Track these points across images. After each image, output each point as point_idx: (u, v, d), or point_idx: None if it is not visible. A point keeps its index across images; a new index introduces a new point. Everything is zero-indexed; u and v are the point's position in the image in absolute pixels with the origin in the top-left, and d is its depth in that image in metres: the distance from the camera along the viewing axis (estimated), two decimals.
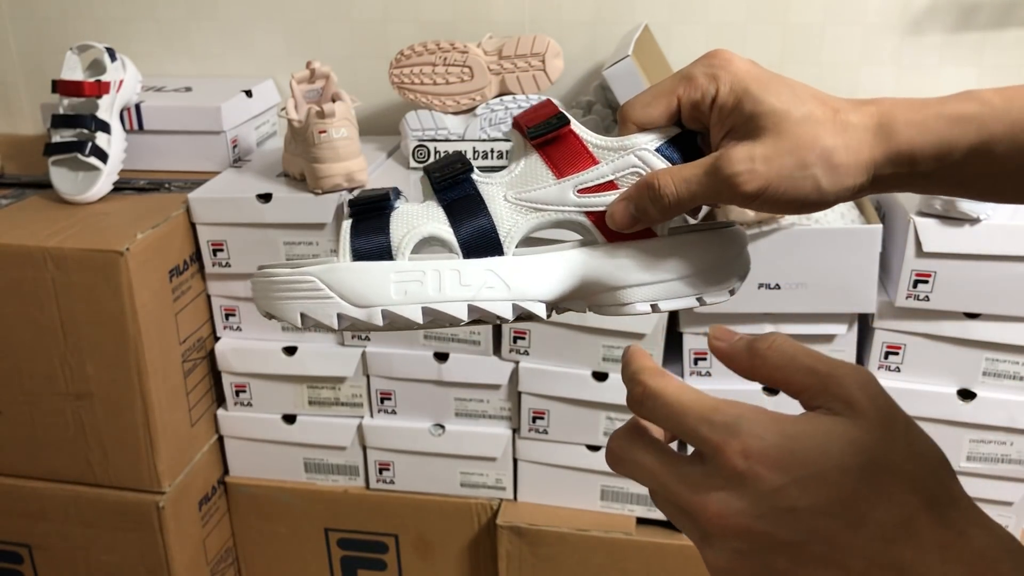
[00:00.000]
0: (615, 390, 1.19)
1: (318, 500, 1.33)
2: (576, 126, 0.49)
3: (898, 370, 1.14)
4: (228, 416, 1.32)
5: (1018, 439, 1.13)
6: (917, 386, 1.13)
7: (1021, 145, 0.44)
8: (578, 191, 0.48)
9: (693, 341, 1.15)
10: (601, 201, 0.48)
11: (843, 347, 1.14)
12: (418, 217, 0.49)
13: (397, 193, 0.50)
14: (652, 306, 0.48)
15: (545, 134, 0.48)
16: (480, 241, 0.48)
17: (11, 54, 1.55)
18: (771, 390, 1.16)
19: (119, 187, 1.25)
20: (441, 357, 1.23)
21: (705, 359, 1.16)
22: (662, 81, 0.48)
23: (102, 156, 1.22)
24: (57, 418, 1.18)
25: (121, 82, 1.27)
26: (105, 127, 1.23)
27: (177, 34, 1.48)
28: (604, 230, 0.48)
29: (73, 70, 1.25)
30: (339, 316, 0.47)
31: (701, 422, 0.37)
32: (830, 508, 0.34)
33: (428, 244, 0.49)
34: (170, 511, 1.22)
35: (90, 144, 1.21)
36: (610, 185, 0.48)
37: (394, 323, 0.47)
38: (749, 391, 1.16)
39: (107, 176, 1.22)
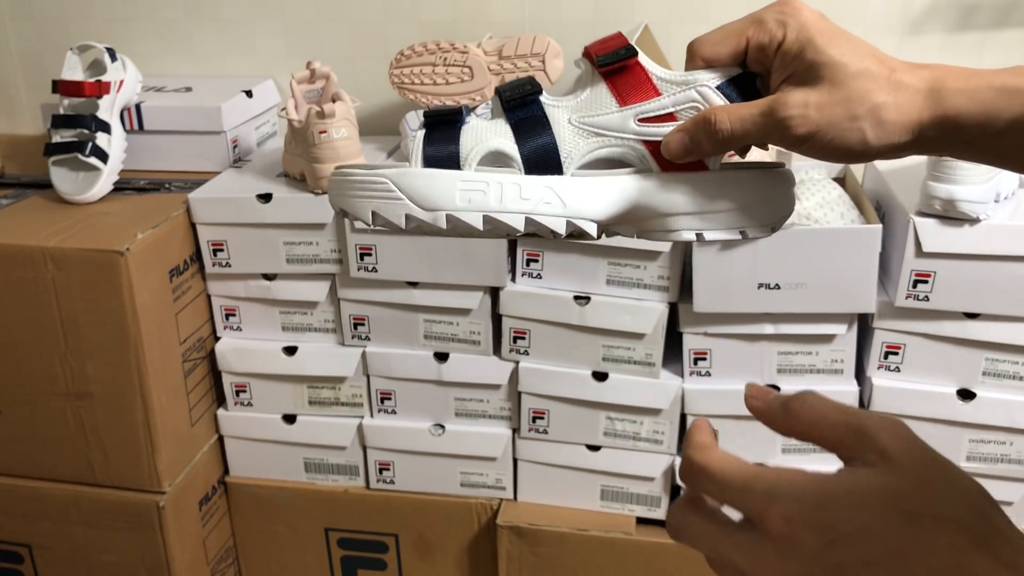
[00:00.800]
0: (615, 390, 1.19)
1: (318, 500, 1.33)
2: (643, 58, 0.51)
3: (898, 370, 1.14)
4: (228, 416, 1.32)
5: (1018, 439, 1.13)
6: (917, 386, 1.13)
7: None
8: (639, 120, 0.50)
9: (693, 341, 1.15)
10: (659, 132, 0.50)
11: (843, 347, 1.14)
12: (487, 132, 0.51)
13: (468, 110, 0.53)
14: (697, 235, 0.51)
15: (613, 63, 0.50)
16: (542, 159, 0.51)
17: (11, 54, 1.55)
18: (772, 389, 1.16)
19: (119, 187, 1.25)
20: (441, 357, 1.23)
21: (705, 359, 1.16)
22: (733, 22, 0.51)
23: (102, 156, 1.22)
24: (57, 418, 1.18)
25: (121, 82, 1.27)
26: (105, 127, 1.23)
27: (177, 34, 1.48)
28: (659, 160, 0.50)
29: (73, 70, 1.25)
30: (407, 216, 0.50)
31: (744, 492, 0.38)
32: (878, 560, 0.34)
33: (495, 159, 0.51)
34: (170, 511, 1.22)
35: (90, 144, 1.21)
36: (670, 117, 0.50)
37: (457, 227, 0.50)
38: None
39: (107, 176, 1.22)
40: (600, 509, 1.27)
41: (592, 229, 0.51)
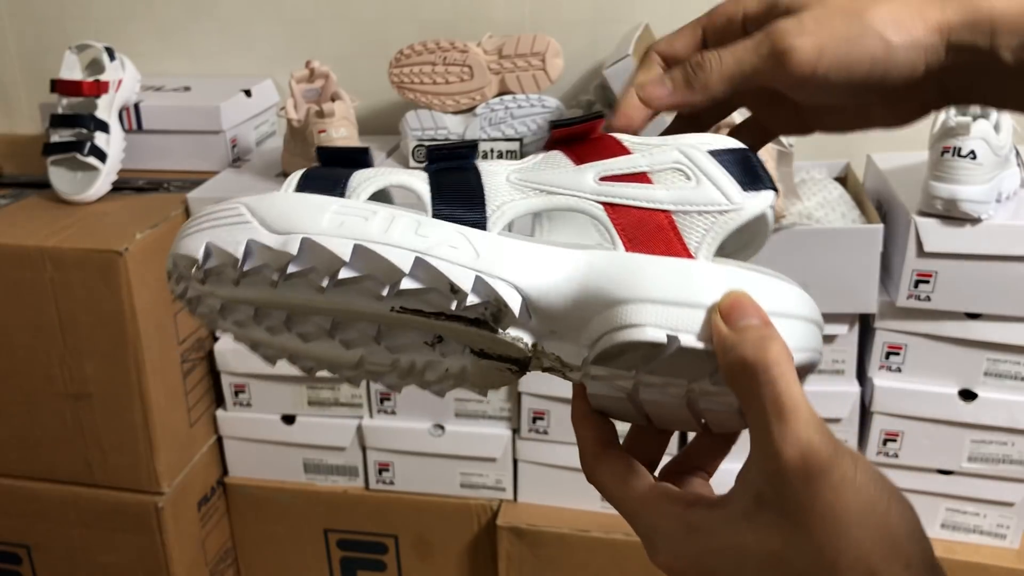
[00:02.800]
0: None
1: (317, 501, 1.32)
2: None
3: (899, 370, 1.13)
4: (227, 416, 1.31)
5: (1019, 439, 1.13)
6: (918, 386, 1.13)
7: None
8: (600, 178, 0.39)
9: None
10: (627, 192, 0.38)
11: (844, 347, 1.13)
12: (393, 169, 0.41)
13: (369, 155, 0.42)
14: (669, 336, 0.35)
15: (570, 125, 0.41)
16: (460, 202, 0.38)
17: (10, 54, 1.55)
18: None
19: (118, 187, 1.24)
20: None
21: None
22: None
23: (101, 156, 1.22)
24: (56, 418, 1.18)
25: (120, 82, 1.26)
26: (104, 127, 1.23)
27: (176, 33, 1.48)
28: (624, 231, 0.37)
29: (72, 70, 1.25)
30: (248, 244, 0.37)
31: (630, 520, 0.40)
32: None
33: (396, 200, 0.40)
34: (169, 512, 1.21)
35: (89, 144, 1.21)
36: (642, 177, 0.39)
37: (312, 259, 0.36)
38: None
39: (106, 176, 1.22)
40: (601, 510, 1.27)
41: (514, 300, 0.36)
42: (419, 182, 0.39)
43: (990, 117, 1.03)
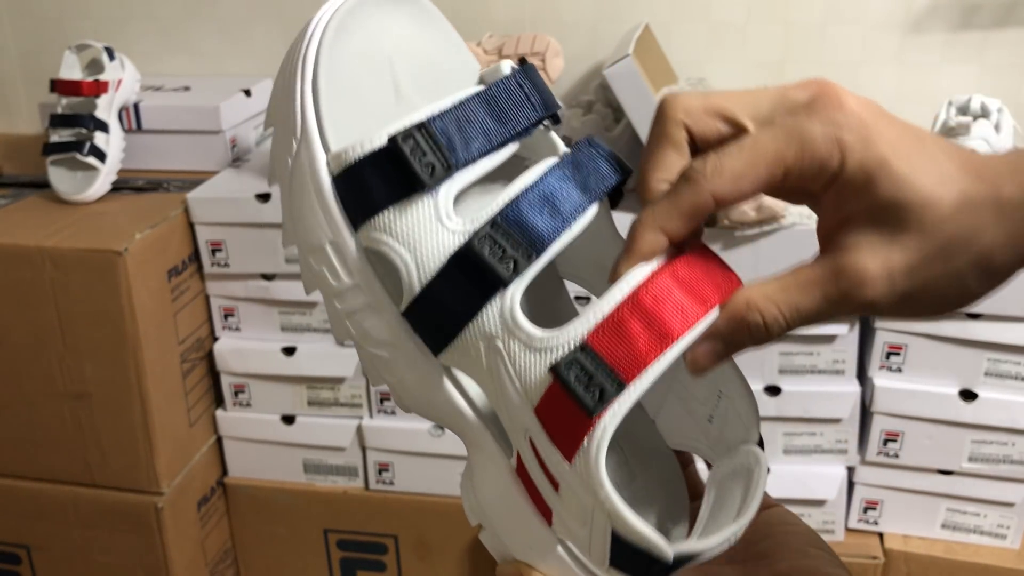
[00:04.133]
0: None
1: (317, 501, 1.32)
2: None
3: (900, 370, 1.13)
4: (227, 417, 1.31)
5: (1020, 440, 1.13)
6: (918, 387, 1.13)
7: None
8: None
9: None
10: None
11: (844, 347, 1.13)
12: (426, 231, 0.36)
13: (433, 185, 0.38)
14: None
15: None
16: (431, 327, 0.36)
17: (9, 53, 1.54)
18: (773, 390, 1.15)
19: (117, 187, 1.24)
20: None
21: None
22: (755, 134, 0.34)
23: (100, 156, 1.21)
24: (55, 419, 1.18)
25: (120, 81, 1.26)
26: (103, 126, 1.23)
27: (176, 33, 1.48)
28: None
29: (71, 69, 1.25)
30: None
31: None
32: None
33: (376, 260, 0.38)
34: (169, 512, 1.21)
35: (88, 144, 1.21)
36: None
37: None
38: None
39: (105, 176, 1.22)
40: None
41: None
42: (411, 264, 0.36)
43: (991, 117, 1.03)
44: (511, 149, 0.37)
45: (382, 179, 0.35)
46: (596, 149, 0.37)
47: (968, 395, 1.12)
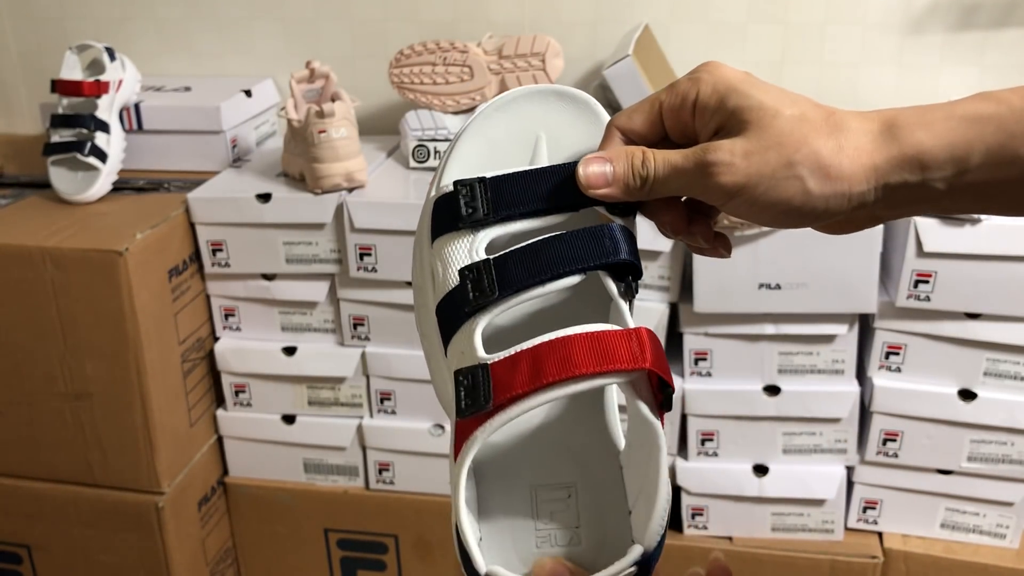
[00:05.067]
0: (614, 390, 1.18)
1: (318, 501, 1.32)
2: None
3: (899, 370, 1.13)
4: (227, 416, 1.31)
5: (1019, 439, 1.13)
6: (918, 386, 1.13)
7: None
8: None
9: (693, 341, 1.15)
10: None
11: (844, 347, 1.13)
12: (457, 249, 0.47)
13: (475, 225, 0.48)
14: None
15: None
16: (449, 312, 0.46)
17: (10, 54, 1.55)
18: (773, 389, 1.16)
19: (118, 187, 1.25)
20: None
21: (705, 359, 1.16)
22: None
23: (101, 156, 1.22)
24: (56, 418, 1.18)
25: (120, 82, 1.26)
26: (104, 127, 1.23)
27: (176, 34, 1.48)
28: None
29: (72, 70, 1.25)
30: None
31: None
32: None
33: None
34: (169, 511, 1.21)
35: (89, 144, 1.21)
36: None
37: None
38: (750, 391, 1.15)
39: (106, 176, 1.22)
40: None
41: None
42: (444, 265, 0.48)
43: None
44: (557, 219, 0.46)
45: (447, 212, 0.47)
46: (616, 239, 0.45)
47: (967, 395, 1.12)
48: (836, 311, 1.10)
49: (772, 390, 1.16)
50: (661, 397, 0.42)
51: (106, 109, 1.24)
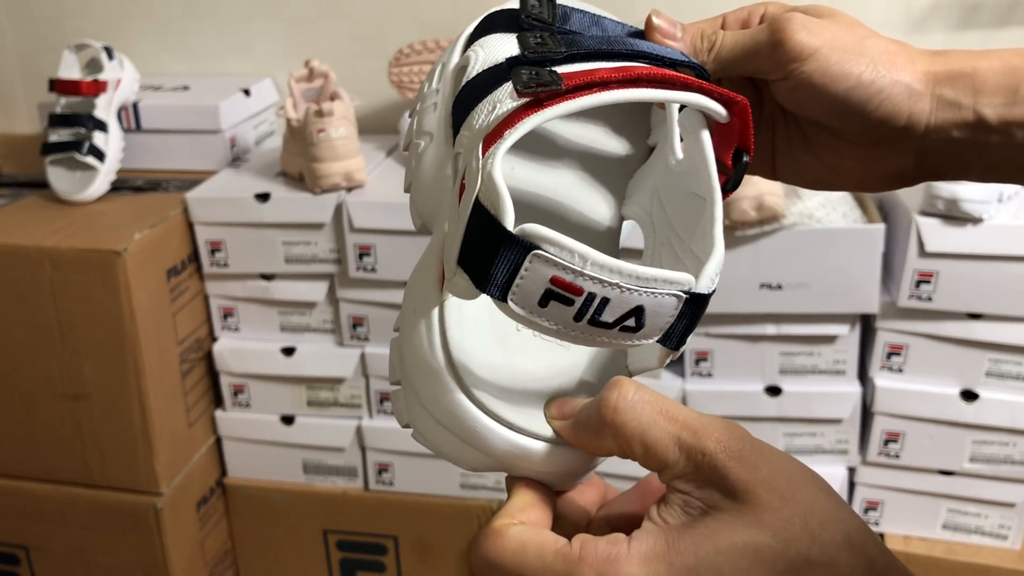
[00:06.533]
0: None
1: (317, 502, 1.32)
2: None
3: (900, 371, 1.13)
4: (226, 417, 1.31)
5: (1021, 440, 1.13)
6: (920, 387, 1.12)
7: None
8: None
9: (694, 341, 1.15)
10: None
11: (845, 347, 1.13)
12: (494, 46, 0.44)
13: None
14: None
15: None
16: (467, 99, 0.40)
17: (8, 53, 1.54)
18: (774, 390, 1.15)
19: (116, 187, 1.24)
20: None
21: (706, 360, 1.15)
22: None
23: (99, 155, 1.21)
24: (54, 419, 1.18)
25: (119, 81, 1.26)
26: (102, 126, 1.23)
27: (175, 33, 1.47)
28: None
29: (70, 69, 1.25)
30: None
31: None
32: None
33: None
34: (168, 513, 1.21)
35: (87, 143, 1.20)
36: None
37: None
38: (751, 392, 1.15)
39: (104, 175, 1.22)
40: None
41: None
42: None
43: None
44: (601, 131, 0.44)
45: (496, 23, 0.47)
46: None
47: (969, 395, 1.12)
48: (837, 311, 1.10)
49: (773, 391, 1.15)
50: (732, 160, 0.39)
51: (104, 108, 1.23)
